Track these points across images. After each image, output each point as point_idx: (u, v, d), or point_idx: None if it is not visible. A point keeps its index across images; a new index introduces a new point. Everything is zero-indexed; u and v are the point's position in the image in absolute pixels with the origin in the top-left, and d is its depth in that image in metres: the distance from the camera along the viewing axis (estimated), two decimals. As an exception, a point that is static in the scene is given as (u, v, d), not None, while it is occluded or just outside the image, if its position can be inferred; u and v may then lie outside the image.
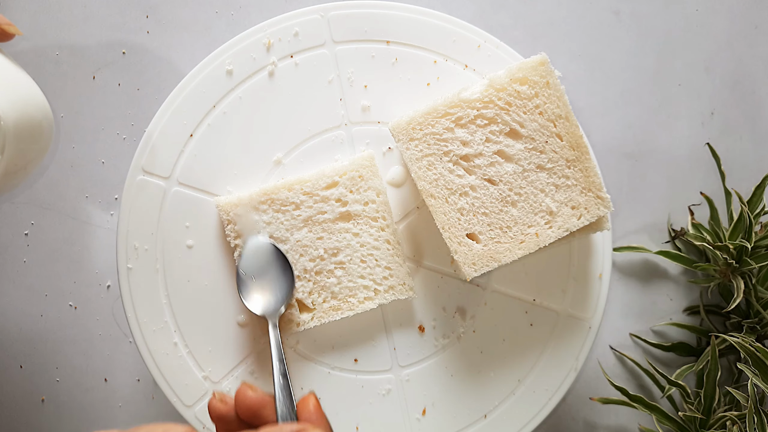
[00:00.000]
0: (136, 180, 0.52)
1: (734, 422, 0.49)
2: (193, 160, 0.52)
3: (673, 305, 0.58)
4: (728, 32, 0.58)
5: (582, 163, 0.46)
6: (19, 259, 0.56)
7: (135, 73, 0.55)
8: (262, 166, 0.53)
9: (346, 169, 0.51)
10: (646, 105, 0.58)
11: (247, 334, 0.52)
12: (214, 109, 0.52)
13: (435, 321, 0.54)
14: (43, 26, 0.55)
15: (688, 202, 0.58)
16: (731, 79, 0.59)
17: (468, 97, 0.46)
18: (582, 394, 0.57)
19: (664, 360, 0.58)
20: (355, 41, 0.53)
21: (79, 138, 0.55)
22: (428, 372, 0.54)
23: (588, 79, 0.57)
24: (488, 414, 0.53)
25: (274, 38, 0.52)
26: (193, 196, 0.52)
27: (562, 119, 0.46)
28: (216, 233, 0.52)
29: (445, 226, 0.47)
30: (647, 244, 0.58)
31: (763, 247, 0.53)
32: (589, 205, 0.47)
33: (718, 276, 0.54)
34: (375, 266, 0.51)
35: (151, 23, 0.55)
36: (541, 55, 0.46)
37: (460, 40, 0.53)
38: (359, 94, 0.53)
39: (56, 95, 0.55)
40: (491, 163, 0.47)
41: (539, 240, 0.47)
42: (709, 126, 0.58)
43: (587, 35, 0.57)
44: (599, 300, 0.54)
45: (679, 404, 0.56)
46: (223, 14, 0.55)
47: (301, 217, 0.51)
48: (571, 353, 0.54)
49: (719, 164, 0.56)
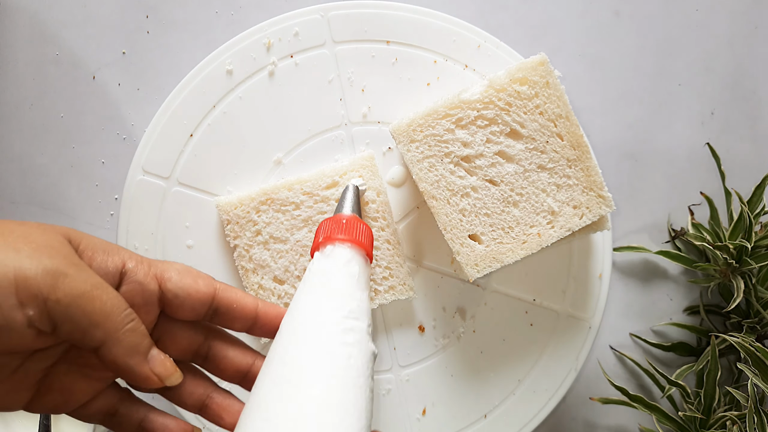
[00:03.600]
0: (136, 180, 0.52)
1: (734, 422, 0.49)
2: (193, 160, 0.52)
3: (673, 305, 0.58)
4: (728, 32, 0.58)
5: (583, 163, 0.46)
6: (18, 260, 0.55)
7: (135, 73, 0.55)
8: (262, 166, 0.53)
9: (346, 169, 0.51)
10: (646, 105, 0.58)
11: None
12: (214, 109, 0.52)
13: (435, 321, 0.54)
14: (43, 26, 0.55)
15: (688, 202, 0.58)
16: (731, 79, 0.59)
17: (468, 98, 0.46)
18: (582, 394, 0.57)
19: (664, 360, 0.58)
20: (355, 41, 0.53)
21: (79, 138, 0.55)
22: (428, 372, 0.54)
23: (588, 79, 0.57)
24: (488, 414, 0.53)
25: (274, 38, 0.52)
26: (193, 196, 0.52)
27: (563, 119, 0.46)
28: (216, 233, 0.52)
29: (447, 227, 0.47)
30: (647, 244, 0.58)
31: (763, 247, 0.53)
32: (591, 204, 0.47)
33: (718, 276, 0.54)
34: (375, 266, 0.51)
35: (151, 23, 0.55)
36: (540, 55, 0.46)
37: (460, 40, 0.53)
38: (359, 94, 0.53)
39: (57, 95, 0.55)
40: (492, 163, 0.47)
41: (541, 240, 0.47)
42: (709, 126, 0.58)
43: (587, 35, 0.57)
44: (599, 300, 0.54)
45: (679, 404, 0.56)
46: (223, 14, 0.55)
47: (301, 217, 0.51)
48: (571, 353, 0.54)
49: (719, 164, 0.56)
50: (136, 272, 0.32)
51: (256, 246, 0.51)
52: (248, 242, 0.51)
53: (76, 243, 0.31)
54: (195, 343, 0.36)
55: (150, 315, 0.33)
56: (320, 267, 0.39)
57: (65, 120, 0.55)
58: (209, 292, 0.34)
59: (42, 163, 0.55)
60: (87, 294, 0.29)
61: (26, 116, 0.55)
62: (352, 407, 0.31)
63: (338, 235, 0.40)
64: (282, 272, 0.51)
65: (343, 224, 0.41)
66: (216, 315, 0.35)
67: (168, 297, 0.33)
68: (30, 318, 0.27)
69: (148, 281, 0.33)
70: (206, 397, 0.36)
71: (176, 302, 0.34)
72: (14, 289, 0.27)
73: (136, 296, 0.32)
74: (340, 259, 0.39)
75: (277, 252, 0.51)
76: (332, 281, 0.37)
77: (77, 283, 0.28)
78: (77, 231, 0.32)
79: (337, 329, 0.34)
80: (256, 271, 0.51)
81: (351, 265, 0.39)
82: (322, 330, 0.34)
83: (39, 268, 0.27)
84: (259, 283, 0.51)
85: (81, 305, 0.28)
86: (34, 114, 0.55)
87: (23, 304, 0.27)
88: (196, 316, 0.35)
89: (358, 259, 0.39)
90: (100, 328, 0.29)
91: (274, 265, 0.51)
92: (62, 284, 0.28)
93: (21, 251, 0.28)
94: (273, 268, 0.51)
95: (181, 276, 0.34)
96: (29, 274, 0.27)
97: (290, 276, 0.51)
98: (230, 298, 0.35)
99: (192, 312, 0.34)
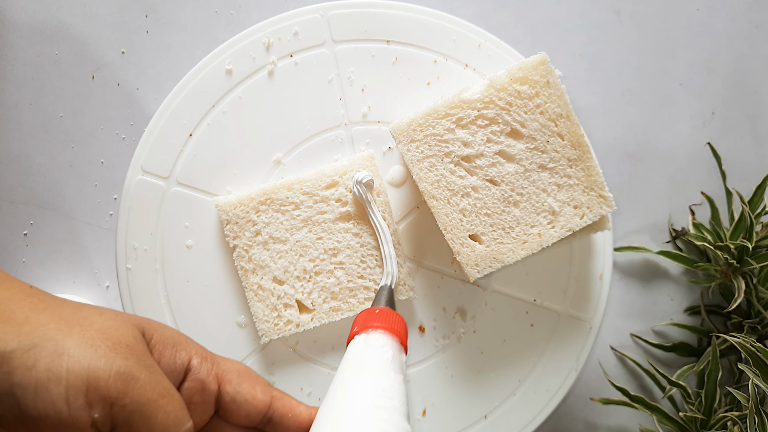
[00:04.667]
0: (135, 180, 0.52)
1: (735, 423, 0.49)
2: (192, 159, 0.52)
3: (674, 305, 0.58)
4: (729, 32, 0.58)
5: (584, 162, 0.46)
6: (18, 260, 0.55)
7: (134, 72, 0.55)
8: (261, 165, 0.53)
9: (346, 168, 0.51)
10: (646, 104, 0.58)
11: (247, 334, 0.52)
12: (214, 108, 0.52)
13: (435, 321, 0.54)
14: (43, 26, 0.55)
15: (689, 202, 0.58)
16: (732, 79, 0.59)
17: (468, 98, 0.46)
18: (582, 394, 0.57)
19: (664, 360, 0.58)
20: (355, 41, 0.53)
21: (78, 138, 0.55)
22: (428, 372, 0.53)
23: (589, 79, 0.57)
24: (488, 414, 0.53)
25: (274, 37, 0.52)
26: (192, 196, 0.52)
27: (563, 118, 0.46)
28: (215, 233, 0.52)
29: (447, 227, 0.47)
30: (648, 244, 0.57)
31: (764, 247, 0.53)
32: (592, 204, 0.46)
33: (719, 276, 0.54)
34: (375, 266, 0.51)
35: (151, 23, 0.55)
36: (541, 55, 0.46)
37: (461, 40, 0.53)
38: (359, 94, 0.53)
39: (56, 95, 0.55)
40: (493, 163, 0.47)
41: (542, 240, 0.47)
42: (710, 126, 0.58)
43: (588, 34, 0.57)
44: (600, 300, 0.54)
45: (680, 404, 0.56)
46: (222, 13, 0.55)
47: (300, 217, 0.51)
48: (572, 353, 0.54)
49: (720, 164, 0.56)
50: (200, 370, 0.33)
51: (256, 246, 0.51)
52: (248, 242, 0.51)
53: (149, 336, 0.32)
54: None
55: (205, 414, 0.34)
56: (355, 352, 0.39)
57: (65, 120, 0.55)
58: (266, 401, 0.35)
59: (41, 162, 0.55)
60: (153, 403, 0.29)
61: (26, 116, 0.55)
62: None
63: (373, 323, 0.41)
64: (281, 273, 0.51)
65: (377, 314, 0.42)
66: (269, 423, 0.35)
67: (225, 400, 0.34)
68: (94, 420, 0.27)
69: (209, 381, 0.33)
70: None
71: (232, 406, 0.34)
72: (85, 389, 0.27)
73: (196, 395, 0.33)
74: (374, 343, 0.39)
75: (277, 252, 0.51)
76: (366, 362, 0.38)
77: (146, 391, 0.29)
78: (151, 322, 0.33)
79: (370, 405, 0.34)
80: (256, 271, 0.51)
81: (385, 348, 0.39)
82: (356, 407, 0.34)
83: (112, 370, 0.28)
84: (258, 284, 0.51)
85: (146, 413, 0.28)
86: (33, 114, 0.55)
87: (91, 406, 0.27)
88: (249, 422, 0.35)
89: (392, 344, 0.40)
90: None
91: (273, 266, 0.51)
92: (132, 390, 0.28)
93: (98, 349, 0.28)
94: (272, 268, 0.51)
95: (241, 380, 0.34)
96: (102, 376, 0.27)
97: (290, 276, 0.51)
98: (285, 407, 0.36)
99: (246, 419, 0.34)
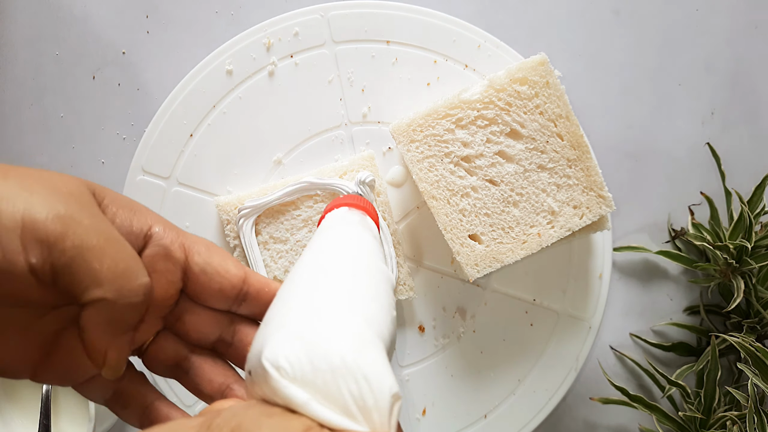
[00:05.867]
0: (136, 180, 0.52)
1: (734, 422, 0.49)
2: (193, 160, 0.52)
3: (674, 305, 0.58)
4: (728, 31, 0.58)
5: (583, 162, 0.46)
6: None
7: (135, 73, 0.55)
8: (262, 166, 0.53)
9: (346, 169, 0.51)
10: (646, 104, 0.58)
11: (248, 334, 0.52)
12: (214, 109, 0.52)
13: (435, 321, 0.54)
14: (43, 26, 0.55)
15: (688, 202, 0.58)
16: (731, 79, 0.59)
17: (468, 98, 0.46)
18: (582, 394, 0.57)
19: (664, 360, 0.58)
20: (355, 41, 0.53)
21: (79, 138, 0.55)
22: (428, 372, 0.54)
23: (588, 79, 0.57)
24: (488, 414, 0.53)
25: (274, 38, 0.52)
26: (193, 196, 0.52)
27: (563, 119, 0.46)
28: (216, 233, 0.52)
29: (447, 227, 0.47)
30: (647, 244, 0.58)
31: (763, 247, 0.53)
32: (591, 204, 0.47)
33: (719, 276, 0.54)
34: (375, 266, 0.51)
35: (151, 23, 0.55)
36: (540, 55, 0.46)
37: (460, 40, 0.53)
38: (359, 94, 0.53)
39: (56, 95, 0.55)
40: (492, 163, 0.47)
41: (541, 240, 0.47)
42: (709, 125, 0.58)
43: (587, 35, 0.57)
44: (599, 300, 0.54)
45: (680, 404, 0.56)
46: (223, 14, 0.55)
47: (301, 217, 0.51)
48: (571, 353, 0.54)
49: (719, 164, 0.56)
50: (162, 236, 0.29)
51: (256, 246, 0.51)
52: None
53: (100, 197, 0.28)
54: (220, 326, 0.32)
55: (171, 288, 0.29)
56: (328, 221, 0.40)
57: (65, 120, 0.55)
58: (240, 275, 0.30)
59: (42, 162, 0.55)
60: (98, 248, 0.25)
61: (26, 116, 0.55)
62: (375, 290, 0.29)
63: (337, 203, 0.42)
64: (282, 272, 0.51)
65: (341, 198, 0.43)
66: (245, 300, 0.31)
67: (194, 271, 0.29)
68: (32, 265, 0.24)
69: (174, 248, 0.29)
70: (226, 388, 0.32)
71: (203, 278, 0.30)
72: (20, 231, 0.24)
73: (159, 262, 0.28)
74: (339, 212, 0.40)
75: (277, 252, 0.51)
76: (334, 221, 0.39)
77: (89, 235, 0.25)
78: (104, 187, 0.29)
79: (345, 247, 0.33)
80: (256, 271, 0.51)
81: (352, 213, 0.40)
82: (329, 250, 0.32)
83: (51, 212, 0.24)
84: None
85: (88, 259, 0.25)
86: (34, 114, 0.55)
87: (27, 250, 0.24)
88: (222, 300, 0.31)
89: (358, 212, 0.41)
90: (101, 289, 0.25)
91: (273, 266, 0.51)
92: (72, 233, 0.24)
93: (35, 193, 0.25)
94: (273, 268, 0.51)
95: (211, 252, 0.30)
96: (38, 218, 0.24)
97: (290, 276, 0.51)
98: (261, 281, 0.31)
99: (219, 294, 0.30)
